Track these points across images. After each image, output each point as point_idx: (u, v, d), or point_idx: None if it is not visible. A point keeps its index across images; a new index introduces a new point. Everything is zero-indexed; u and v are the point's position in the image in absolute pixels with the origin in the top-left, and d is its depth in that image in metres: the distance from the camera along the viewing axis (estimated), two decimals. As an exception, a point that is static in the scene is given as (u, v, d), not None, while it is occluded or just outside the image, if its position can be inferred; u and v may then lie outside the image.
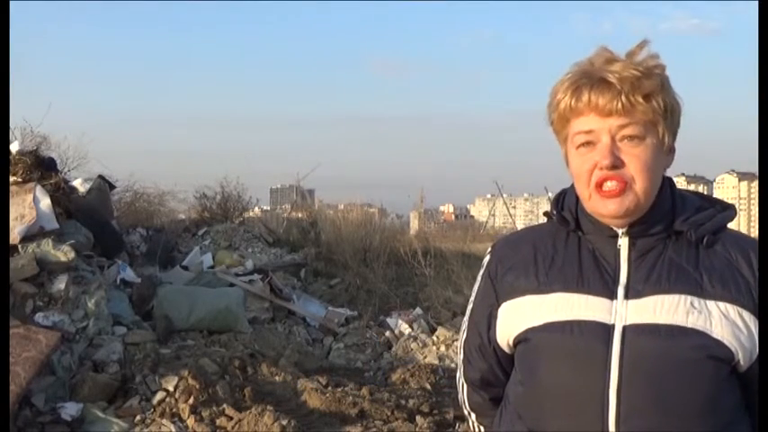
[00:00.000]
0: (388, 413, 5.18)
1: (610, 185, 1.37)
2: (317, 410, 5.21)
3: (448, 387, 6.02)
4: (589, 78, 1.37)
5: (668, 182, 1.46)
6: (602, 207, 1.39)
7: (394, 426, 5.01)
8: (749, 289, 1.37)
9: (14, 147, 7.13)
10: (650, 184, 1.38)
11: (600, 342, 1.37)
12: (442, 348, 7.27)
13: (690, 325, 1.34)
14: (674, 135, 1.43)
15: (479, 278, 1.60)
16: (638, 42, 1.40)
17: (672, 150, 1.45)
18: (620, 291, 1.39)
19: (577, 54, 1.43)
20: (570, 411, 1.38)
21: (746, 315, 1.36)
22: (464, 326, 1.64)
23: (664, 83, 1.39)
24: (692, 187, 1.63)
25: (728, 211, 1.47)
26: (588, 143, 1.39)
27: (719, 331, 1.34)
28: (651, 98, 1.36)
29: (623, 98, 1.35)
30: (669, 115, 1.39)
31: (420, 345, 7.45)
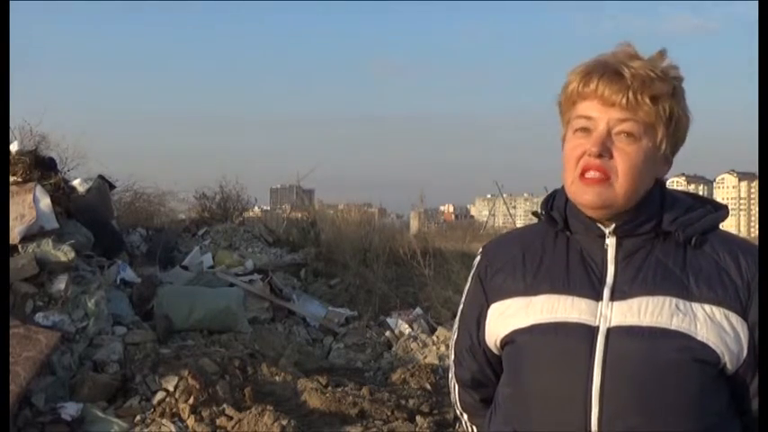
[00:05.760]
0: (388, 413, 5.18)
1: (592, 174, 1.37)
2: (317, 410, 5.21)
3: (448, 387, 6.03)
4: (603, 68, 1.38)
5: (658, 182, 1.45)
6: (581, 194, 1.39)
7: (394, 426, 5.01)
8: (737, 291, 1.35)
9: (14, 146, 7.13)
10: (633, 185, 1.37)
11: (583, 344, 1.36)
12: (442, 348, 7.26)
13: (674, 327, 1.33)
14: (673, 146, 1.42)
15: (470, 279, 1.60)
16: (659, 50, 1.41)
17: (668, 161, 1.44)
18: (606, 292, 1.38)
19: (577, 54, 1.43)
20: (554, 413, 1.38)
21: (733, 317, 1.34)
22: (455, 326, 1.64)
23: (675, 90, 1.39)
24: (691, 187, 1.63)
25: (720, 211, 1.45)
26: (585, 129, 1.39)
27: (704, 334, 1.32)
28: (658, 101, 1.36)
29: (630, 94, 1.35)
30: (673, 124, 1.39)
31: (420, 345, 7.45)
